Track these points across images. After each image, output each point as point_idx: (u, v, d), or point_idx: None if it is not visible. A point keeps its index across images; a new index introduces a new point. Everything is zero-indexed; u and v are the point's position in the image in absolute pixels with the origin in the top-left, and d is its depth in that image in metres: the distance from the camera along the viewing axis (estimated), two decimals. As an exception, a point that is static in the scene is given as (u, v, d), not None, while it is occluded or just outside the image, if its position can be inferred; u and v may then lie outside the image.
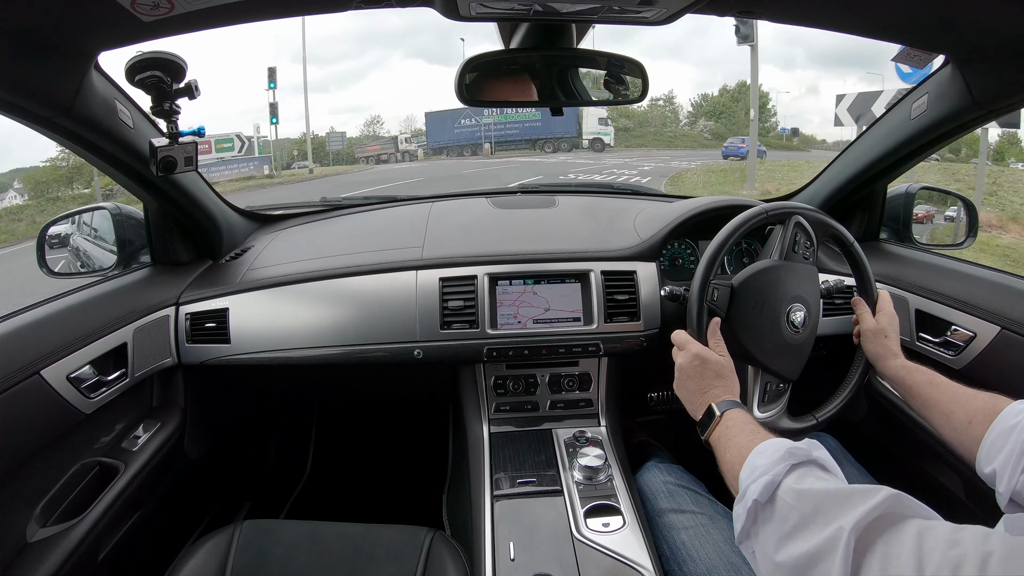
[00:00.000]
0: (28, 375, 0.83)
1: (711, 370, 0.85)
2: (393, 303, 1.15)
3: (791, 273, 0.96)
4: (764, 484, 0.59)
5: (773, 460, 0.61)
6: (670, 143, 28.51)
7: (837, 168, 1.37)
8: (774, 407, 0.97)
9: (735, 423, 0.75)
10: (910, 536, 0.47)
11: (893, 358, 0.91)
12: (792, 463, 0.59)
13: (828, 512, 0.52)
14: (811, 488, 0.55)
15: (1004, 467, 0.65)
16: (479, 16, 0.83)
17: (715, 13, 0.85)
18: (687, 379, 0.87)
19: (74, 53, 0.80)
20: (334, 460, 1.84)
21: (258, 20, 0.84)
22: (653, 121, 30.00)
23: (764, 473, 0.60)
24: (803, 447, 0.62)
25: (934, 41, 0.91)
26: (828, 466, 0.61)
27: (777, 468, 0.59)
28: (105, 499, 0.93)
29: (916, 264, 1.24)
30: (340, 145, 26.69)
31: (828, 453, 0.63)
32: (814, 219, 0.99)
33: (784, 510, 0.56)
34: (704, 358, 0.86)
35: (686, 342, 0.90)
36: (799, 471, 0.59)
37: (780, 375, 0.96)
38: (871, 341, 0.94)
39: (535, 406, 1.20)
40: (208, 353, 1.16)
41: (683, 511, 0.93)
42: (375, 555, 0.90)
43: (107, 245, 1.26)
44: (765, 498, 0.59)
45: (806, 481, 0.57)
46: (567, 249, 1.22)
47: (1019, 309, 0.98)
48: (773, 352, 0.95)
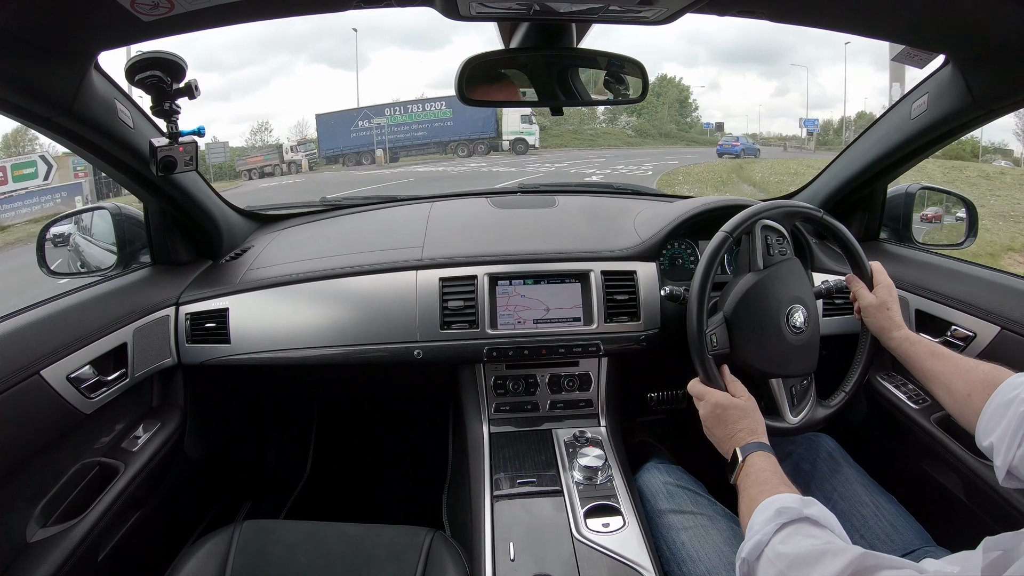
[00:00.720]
0: (28, 375, 0.83)
1: (733, 415, 0.87)
2: (393, 303, 1.15)
3: (776, 279, 0.97)
4: (754, 544, 0.64)
5: (765, 519, 0.65)
6: (592, 142, 26.06)
7: (837, 168, 1.37)
8: (805, 403, 0.99)
9: (753, 470, 0.78)
10: None
11: (896, 329, 0.92)
12: (781, 522, 0.64)
13: (799, 571, 0.57)
14: (788, 551, 0.60)
15: (1001, 440, 0.66)
16: (479, 16, 0.83)
17: (715, 13, 0.85)
18: (713, 428, 0.89)
19: (74, 53, 0.80)
20: (334, 460, 1.84)
21: (258, 20, 0.84)
22: (570, 118, 26.97)
23: (756, 533, 0.64)
24: (795, 506, 0.65)
25: (934, 41, 0.91)
26: (822, 521, 0.64)
27: (767, 528, 0.64)
28: (105, 499, 0.93)
29: (916, 264, 1.24)
30: (223, 157, 21.44)
31: (823, 508, 0.66)
32: (777, 215, 1.00)
33: (766, 567, 0.61)
34: (724, 405, 0.88)
35: (703, 393, 0.91)
36: (788, 529, 0.63)
37: (799, 375, 0.98)
38: (873, 316, 0.95)
39: (535, 406, 1.20)
40: (208, 353, 1.16)
41: (683, 512, 0.93)
42: (375, 555, 0.90)
43: (107, 245, 1.26)
44: (753, 557, 0.64)
45: (792, 540, 0.61)
46: (567, 249, 1.22)
47: (1019, 309, 0.98)
48: (786, 360, 0.96)
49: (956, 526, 1.02)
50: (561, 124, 27.36)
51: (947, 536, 0.88)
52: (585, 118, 29.31)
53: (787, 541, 0.61)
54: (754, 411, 0.88)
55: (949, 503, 1.05)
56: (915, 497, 0.99)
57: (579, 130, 27.74)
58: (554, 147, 24.34)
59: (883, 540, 0.88)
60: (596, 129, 28.77)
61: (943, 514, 1.02)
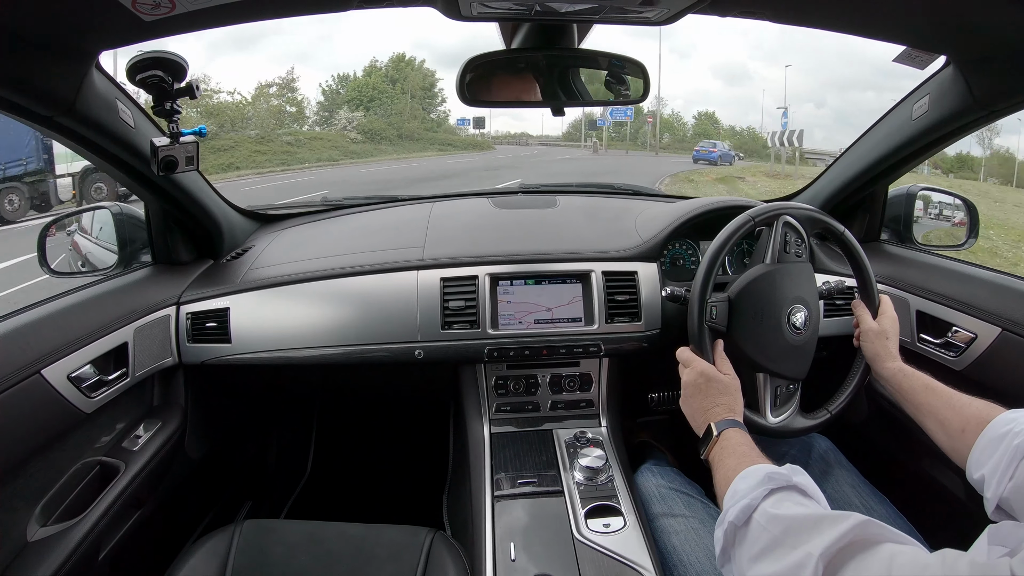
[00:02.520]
0: (29, 375, 0.83)
1: (715, 388, 0.86)
2: (394, 303, 1.15)
3: (786, 275, 0.97)
4: (741, 507, 0.62)
5: (752, 484, 0.63)
6: (286, 157, 16.82)
7: (838, 169, 1.37)
8: (787, 408, 0.98)
9: (729, 444, 0.77)
10: (881, 561, 0.48)
11: (891, 360, 0.92)
12: (771, 487, 0.62)
13: (797, 536, 0.54)
14: (783, 513, 0.58)
15: (992, 473, 0.65)
16: (480, 16, 0.83)
17: (716, 13, 0.85)
18: (691, 396, 0.88)
19: (75, 52, 0.80)
20: (334, 460, 1.84)
21: (258, 19, 0.84)
22: (257, 120, 18.18)
23: (743, 497, 0.62)
24: (784, 472, 0.64)
25: (935, 42, 0.91)
26: (809, 491, 0.63)
27: (755, 492, 0.62)
28: (106, 499, 0.93)
29: (917, 265, 1.24)
30: None
31: (809, 479, 0.65)
32: (802, 216, 1.00)
33: (756, 531, 0.59)
34: (708, 376, 0.87)
35: (691, 359, 0.91)
36: (777, 495, 0.62)
37: (788, 377, 0.97)
38: (871, 341, 0.95)
39: (536, 406, 1.20)
40: (209, 353, 1.16)
41: (675, 515, 0.93)
42: (375, 555, 0.90)
43: (108, 244, 1.26)
44: (741, 521, 0.61)
45: (782, 506, 0.60)
46: (568, 249, 1.22)
47: (1020, 311, 0.98)
48: (778, 356, 0.95)
49: (956, 526, 1.02)
50: (241, 129, 17.26)
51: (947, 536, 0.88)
52: (286, 119, 19.66)
53: (777, 506, 0.60)
54: (736, 391, 0.87)
55: (949, 503, 1.05)
56: (915, 497, 0.99)
57: (267, 137, 17.54)
58: (224, 169, 14.79)
59: None
60: (300, 135, 18.66)
61: (943, 514, 1.02)
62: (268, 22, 0.84)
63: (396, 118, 22.52)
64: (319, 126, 19.86)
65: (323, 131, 19.30)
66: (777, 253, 0.97)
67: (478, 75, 0.97)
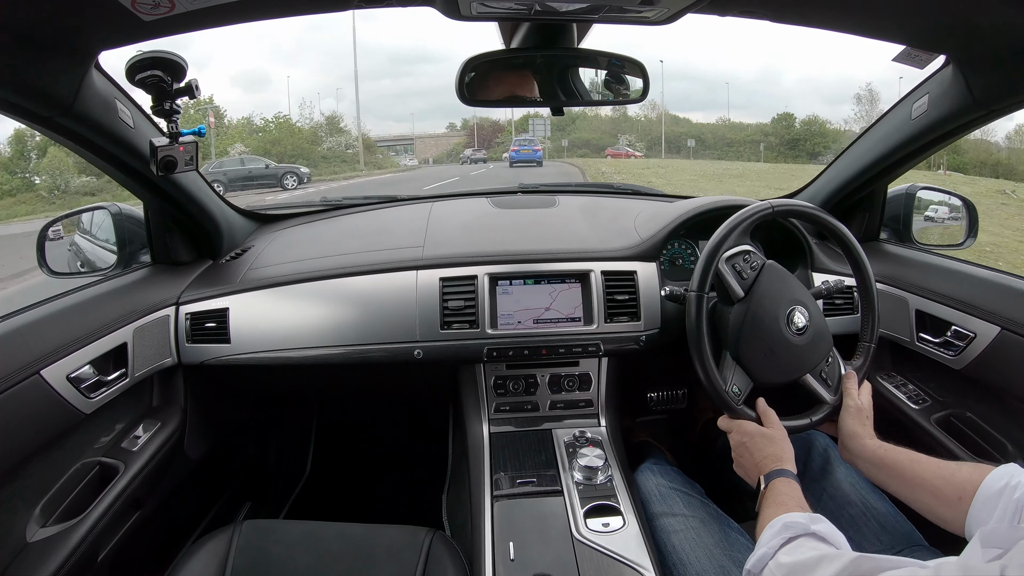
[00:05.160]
0: (28, 375, 0.83)
1: (759, 443, 0.87)
2: (393, 303, 1.15)
3: (761, 299, 0.97)
4: (759, 557, 0.64)
5: (772, 534, 0.66)
6: None
7: (837, 168, 1.37)
8: (838, 375, 1.00)
9: (772, 494, 0.78)
10: None
11: (871, 438, 0.89)
12: (788, 536, 0.64)
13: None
14: (788, 560, 0.60)
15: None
16: (480, 16, 0.83)
17: (716, 13, 0.85)
18: (741, 457, 0.90)
19: (74, 52, 0.79)
20: (334, 460, 1.84)
21: (258, 19, 0.84)
22: None
23: (762, 546, 0.65)
24: (802, 521, 0.65)
25: (935, 41, 0.91)
26: (828, 537, 0.64)
27: (773, 542, 0.64)
28: (105, 499, 0.93)
29: (916, 264, 1.24)
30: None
31: (831, 525, 0.66)
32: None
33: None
34: (750, 434, 0.89)
35: (730, 426, 0.93)
36: (793, 544, 0.63)
37: (820, 361, 0.98)
38: (853, 417, 0.92)
39: (535, 406, 1.20)
40: (208, 353, 1.16)
41: (675, 514, 0.93)
42: (375, 555, 0.90)
43: (107, 244, 1.26)
44: (757, 570, 0.64)
45: (796, 552, 0.62)
46: (567, 249, 1.22)
47: (1019, 309, 0.98)
48: (802, 359, 0.97)
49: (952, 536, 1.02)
50: None
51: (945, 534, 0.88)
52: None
53: (791, 553, 0.62)
54: (783, 440, 0.88)
55: None
56: None
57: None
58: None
59: (871, 541, 0.89)
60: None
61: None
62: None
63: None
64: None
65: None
66: (739, 285, 0.97)
67: (477, 75, 0.97)
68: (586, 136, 33.76)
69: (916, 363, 1.17)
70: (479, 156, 28.66)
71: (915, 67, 0.98)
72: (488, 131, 38.91)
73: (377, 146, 33.17)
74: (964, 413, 1.09)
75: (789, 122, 31.70)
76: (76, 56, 0.80)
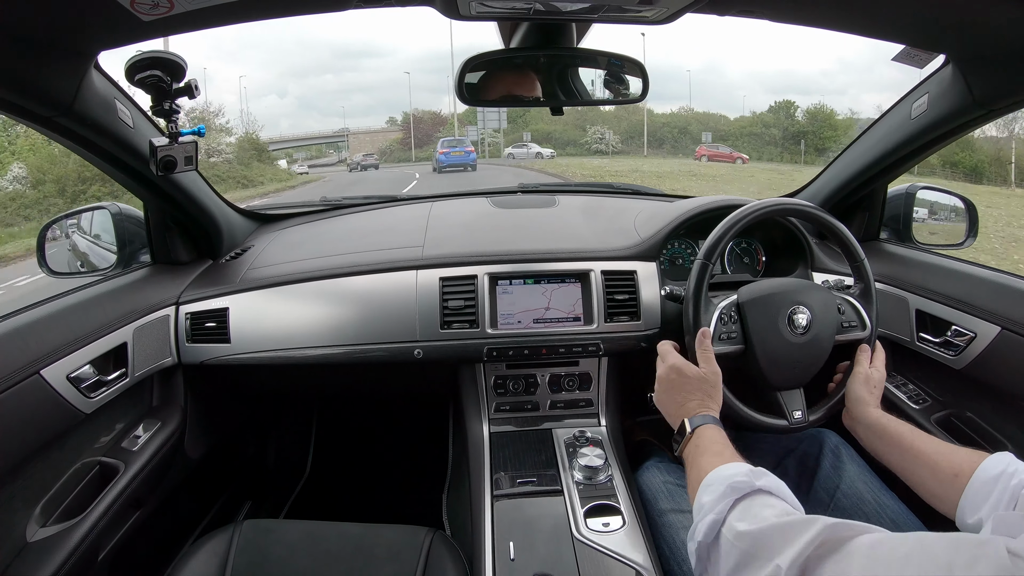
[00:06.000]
0: (28, 375, 0.83)
1: (689, 383, 0.85)
2: (393, 303, 1.15)
3: (765, 306, 0.96)
4: (708, 524, 0.61)
5: (716, 497, 0.62)
6: None
7: (837, 168, 1.37)
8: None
9: (704, 440, 0.76)
10: (858, 556, 0.47)
11: (875, 407, 0.90)
12: (735, 498, 0.61)
13: (766, 548, 0.53)
14: (748, 528, 0.57)
15: (991, 515, 0.64)
16: (479, 15, 0.83)
17: (715, 12, 0.85)
18: (664, 392, 0.88)
19: (74, 53, 0.79)
20: (334, 460, 1.84)
21: (258, 19, 0.84)
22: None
23: (708, 511, 0.62)
24: (745, 479, 0.63)
25: (934, 41, 0.91)
26: (775, 491, 0.62)
27: (720, 506, 0.61)
28: (105, 499, 0.93)
29: (916, 264, 1.24)
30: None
31: (773, 477, 0.64)
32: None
33: (726, 548, 0.58)
34: (681, 370, 0.86)
35: (666, 353, 0.90)
36: (743, 504, 0.61)
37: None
38: (861, 384, 0.93)
39: (535, 406, 1.20)
40: (208, 353, 1.16)
41: (683, 511, 0.93)
42: (375, 555, 0.90)
43: (107, 244, 1.26)
44: (710, 538, 0.61)
45: (750, 513, 0.59)
46: (567, 249, 1.21)
47: (1019, 309, 0.98)
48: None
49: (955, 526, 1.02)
50: None
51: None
52: None
53: (744, 517, 0.59)
54: (714, 385, 0.86)
55: None
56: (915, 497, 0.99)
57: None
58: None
59: None
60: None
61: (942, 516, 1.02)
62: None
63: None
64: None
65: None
66: (725, 329, 0.97)
67: (477, 74, 0.97)
68: (547, 129, 28.20)
69: (916, 363, 1.17)
70: (370, 162, 25.26)
71: (915, 67, 0.98)
72: (427, 124, 33.67)
73: (270, 150, 25.92)
74: (964, 413, 1.09)
75: (790, 111, 27.38)
76: (75, 56, 0.80)
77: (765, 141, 25.97)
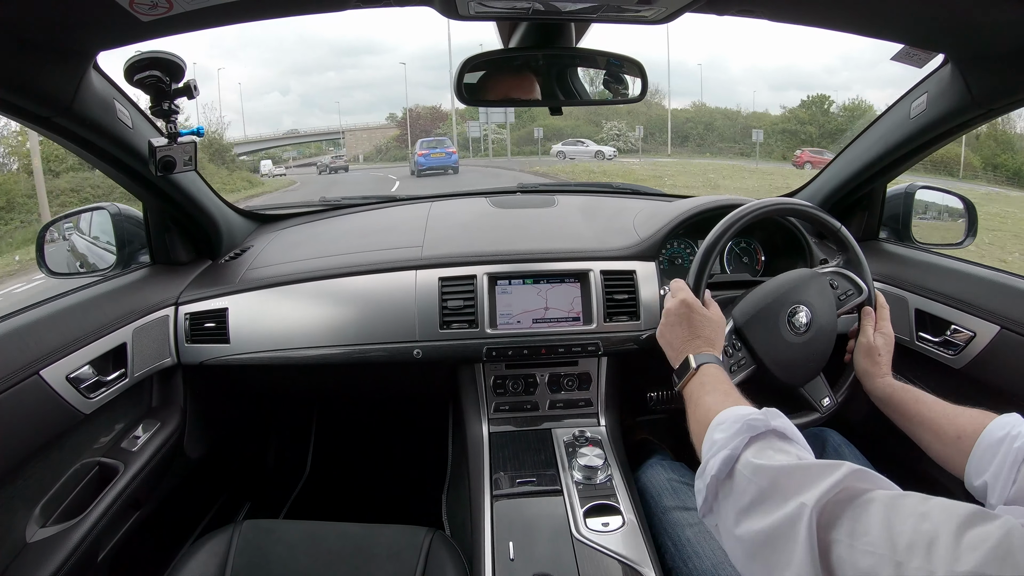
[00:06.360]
0: (27, 375, 0.83)
1: (698, 320, 0.85)
2: (392, 303, 1.15)
3: (763, 320, 0.96)
4: (723, 459, 0.58)
5: (731, 433, 0.60)
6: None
7: (836, 167, 1.37)
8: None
9: (709, 379, 0.75)
10: (878, 509, 0.46)
11: (881, 376, 0.91)
12: (750, 435, 0.59)
13: (787, 487, 0.51)
14: (769, 463, 0.55)
15: (996, 478, 0.65)
16: (478, 15, 0.83)
17: (714, 12, 0.85)
18: (673, 325, 0.86)
19: (73, 53, 0.79)
20: (334, 460, 1.84)
21: (257, 19, 0.84)
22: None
23: (722, 447, 0.59)
24: (761, 417, 0.61)
25: (933, 40, 0.91)
26: (789, 434, 0.61)
27: (735, 442, 0.59)
28: (105, 499, 0.93)
29: (915, 264, 1.24)
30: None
31: (788, 421, 0.62)
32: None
33: (742, 484, 0.56)
34: (692, 306, 0.86)
35: (679, 289, 0.90)
36: (758, 443, 0.59)
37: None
38: (864, 356, 0.94)
39: (535, 406, 1.20)
40: (207, 353, 1.16)
41: (687, 508, 0.93)
42: (375, 555, 0.90)
43: (106, 245, 1.26)
44: (724, 474, 0.58)
45: (765, 454, 0.57)
46: (566, 248, 1.21)
47: (1019, 309, 0.98)
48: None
49: None
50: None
51: None
52: None
53: (760, 455, 0.57)
54: (720, 328, 0.86)
55: None
56: None
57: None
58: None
59: None
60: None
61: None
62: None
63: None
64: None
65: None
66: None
67: (476, 74, 0.97)
68: (558, 124, 25.02)
69: (915, 362, 1.17)
70: (338, 164, 24.04)
71: (914, 66, 0.98)
72: (426, 120, 31.77)
73: (236, 154, 24.31)
74: None
75: (824, 107, 24.56)
76: (74, 57, 0.80)
77: (801, 139, 23.17)
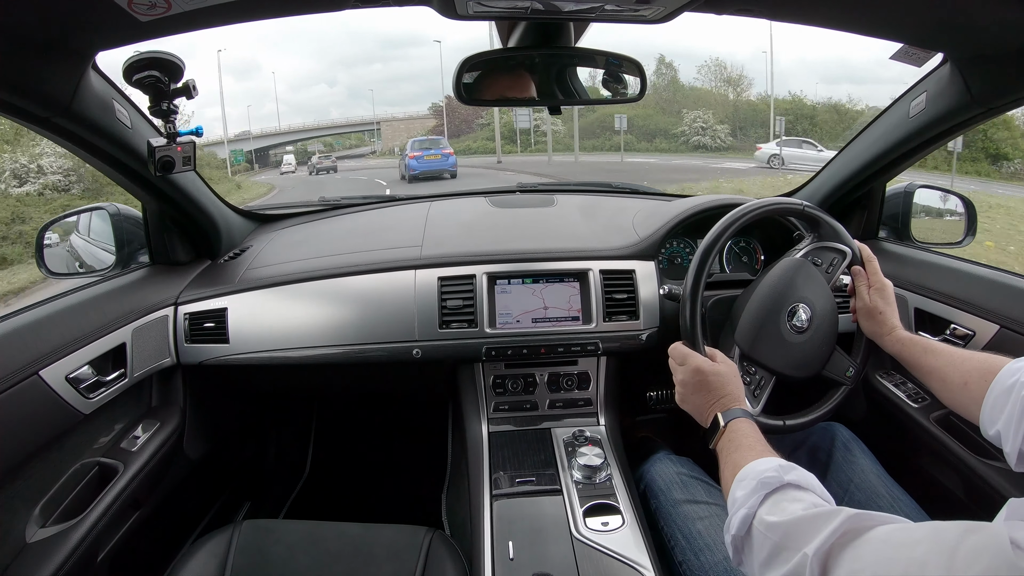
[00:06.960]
0: (27, 375, 0.83)
1: (714, 381, 0.85)
2: (392, 302, 1.15)
3: (765, 337, 0.95)
4: (741, 518, 0.63)
5: (748, 491, 0.64)
6: None
7: (835, 166, 1.37)
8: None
9: (736, 435, 0.77)
10: (874, 543, 0.49)
11: (889, 333, 0.91)
12: (765, 493, 0.63)
13: (794, 539, 0.56)
14: (780, 519, 0.59)
15: (1008, 427, 0.65)
16: (477, 15, 0.83)
17: (713, 11, 0.85)
18: (691, 395, 0.87)
19: (72, 53, 0.79)
20: (333, 460, 1.84)
21: (255, 19, 0.84)
22: None
23: (741, 506, 0.64)
24: (775, 474, 0.64)
25: (933, 39, 0.91)
26: (804, 484, 0.64)
27: (751, 500, 0.63)
28: (105, 499, 0.93)
29: (915, 263, 1.24)
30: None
31: (802, 471, 0.65)
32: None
33: (759, 540, 0.61)
34: (704, 371, 0.86)
35: (684, 356, 0.90)
36: (773, 498, 0.63)
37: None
38: (867, 319, 0.95)
39: (534, 405, 1.20)
40: (207, 353, 1.16)
41: (697, 501, 0.93)
42: (375, 555, 0.90)
43: (106, 245, 1.26)
44: (743, 531, 0.63)
45: (780, 507, 0.61)
46: (566, 248, 1.22)
47: (1018, 308, 0.98)
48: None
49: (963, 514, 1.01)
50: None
51: None
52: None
53: (774, 511, 0.61)
54: (735, 378, 0.86)
55: (949, 502, 1.05)
56: (915, 496, 0.99)
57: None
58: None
59: None
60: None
61: (943, 513, 1.02)
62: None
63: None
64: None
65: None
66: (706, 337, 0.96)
67: (475, 74, 0.97)
68: (618, 113, 19.57)
69: None
70: (325, 164, 22.71)
71: (913, 65, 0.98)
72: (465, 112, 28.84)
73: (260, 148, 23.72)
74: None
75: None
76: (73, 57, 0.80)
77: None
